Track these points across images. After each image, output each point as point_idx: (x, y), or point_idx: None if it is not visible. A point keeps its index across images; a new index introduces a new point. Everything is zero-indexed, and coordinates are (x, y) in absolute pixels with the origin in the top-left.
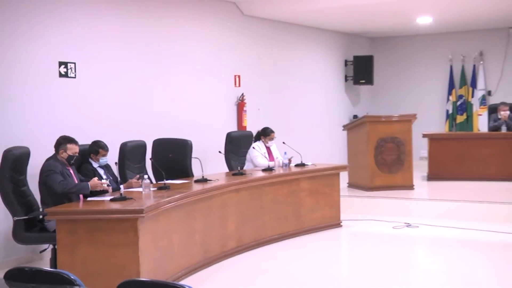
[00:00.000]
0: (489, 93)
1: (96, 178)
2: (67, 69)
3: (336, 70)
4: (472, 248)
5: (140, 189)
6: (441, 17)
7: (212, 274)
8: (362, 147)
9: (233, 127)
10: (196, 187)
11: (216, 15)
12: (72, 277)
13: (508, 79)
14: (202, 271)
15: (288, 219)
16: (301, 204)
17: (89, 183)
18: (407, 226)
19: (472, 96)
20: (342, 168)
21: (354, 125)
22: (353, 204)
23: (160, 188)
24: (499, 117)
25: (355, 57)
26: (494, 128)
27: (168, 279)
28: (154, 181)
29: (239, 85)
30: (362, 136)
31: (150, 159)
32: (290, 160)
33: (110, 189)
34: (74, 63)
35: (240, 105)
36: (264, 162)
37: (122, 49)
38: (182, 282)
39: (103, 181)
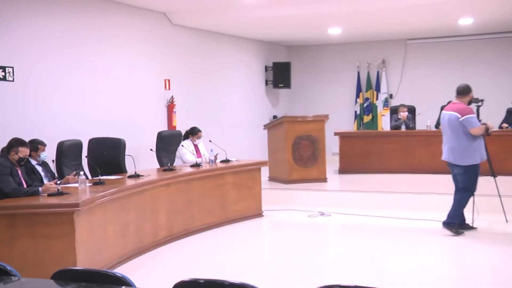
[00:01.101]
0: (390, 96)
1: (48, 183)
2: (5, 73)
3: (257, 75)
4: (378, 233)
5: (77, 185)
6: (349, 29)
7: (145, 261)
8: (281, 145)
9: (164, 127)
10: (129, 182)
11: (147, 24)
12: (8, 268)
13: (407, 84)
14: (136, 259)
15: (214, 211)
16: (226, 196)
17: (41, 188)
18: (321, 214)
19: (377, 99)
20: (263, 163)
21: (274, 125)
22: (273, 196)
23: (96, 184)
24: (399, 117)
25: (274, 63)
26: (395, 127)
27: (103, 268)
28: (90, 177)
29: (169, 89)
30: (281, 135)
31: (86, 156)
32: (216, 157)
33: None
34: (12, 67)
35: (170, 106)
36: (192, 158)
37: (60, 53)
38: (116, 270)
39: (54, 185)
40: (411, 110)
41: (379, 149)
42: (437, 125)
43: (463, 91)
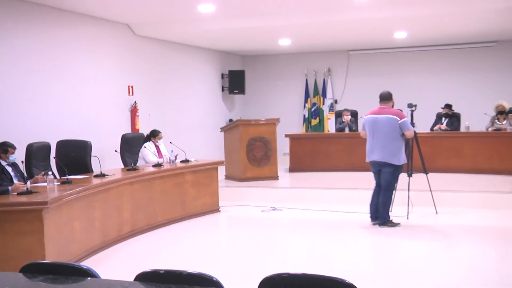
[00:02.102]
0: (335, 101)
1: (17, 182)
2: None
3: (214, 82)
4: (325, 226)
5: (45, 184)
6: (298, 40)
7: (110, 254)
8: (236, 146)
9: (127, 130)
10: (95, 181)
11: (112, 35)
12: None
13: (350, 90)
14: (102, 253)
15: (175, 207)
16: (186, 193)
17: (10, 187)
18: (273, 209)
19: (323, 104)
20: (220, 163)
21: (230, 128)
22: (229, 192)
23: (63, 183)
24: (343, 120)
25: (230, 71)
26: (339, 130)
27: (70, 261)
28: (58, 177)
29: (132, 94)
30: (236, 137)
31: (54, 157)
32: (176, 157)
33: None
34: None
35: (133, 111)
36: (154, 159)
37: (31, 59)
38: (83, 263)
39: (24, 184)
40: (354, 114)
41: (325, 150)
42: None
43: (388, 97)
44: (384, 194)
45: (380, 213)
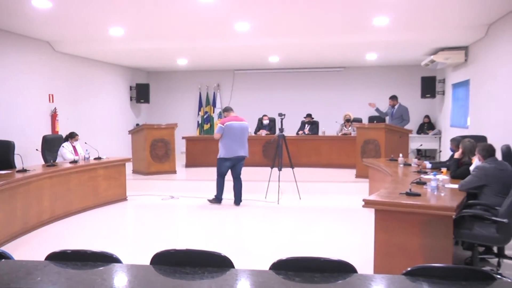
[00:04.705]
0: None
1: None
2: None
3: (123, 93)
4: (212, 210)
5: None
6: (193, 60)
7: (30, 239)
8: (141, 146)
9: (48, 131)
10: (17, 175)
11: (33, 50)
12: None
13: (235, 102)
14: (22, 238)
15: (89, 197)
16: (98, 185)
17: None
18: (171, 198)
19: (213, 112)
20: (127, 160)
21: (136, 131)
22: (135, 184)
23: None
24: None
25: (137, 84)
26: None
27: None
28: None
29: (53, 101)
30: (141, 138)
31: None
32: (90, 155)
33: None
34: None
35: (53, 115)
36: (71, 156)
37: None
38: (3, 248)
39: None
40: None
41: (215, 149)
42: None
43: (231, 108)
44: (238, 181)
45: (239, 194)
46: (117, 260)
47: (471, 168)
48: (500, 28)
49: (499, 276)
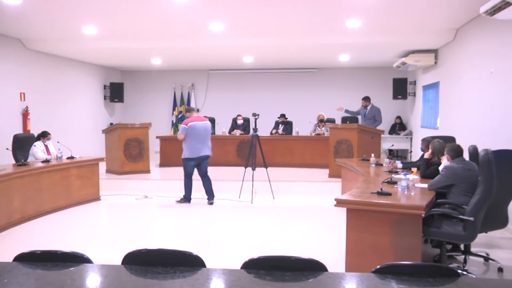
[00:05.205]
0: (198, 110)
1: None
2: None
3: (97, 92)
4: (185, 209)
5: None
6: (167, 60)
7: None
8: (115, 145)
9: (19, 130)
10: None
11: (4, 47)
12: None
13: (209, 101)
14: None
15: (61, 196)
16: (71, 185)
17: None
18: (145, 197)
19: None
20: (100, 159)
21: (110, 130)
22: (108, 184)
23: None
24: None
25: (111, 83)
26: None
27: None
28: None
29: (24, 100)
30: (115, 137)
31: None
32: (62, 154)
33: None
34: None
35: (25, 114)
36: (43, 156)
37: None
38: None
39: None
40: (212, 120)
41: None
42: None
43: (193, 109)
44: (207, 178)
45: (210, 191)
46: (88, 260)
47: (440, 168)
48: (468, 32)
49: (464, 273)
